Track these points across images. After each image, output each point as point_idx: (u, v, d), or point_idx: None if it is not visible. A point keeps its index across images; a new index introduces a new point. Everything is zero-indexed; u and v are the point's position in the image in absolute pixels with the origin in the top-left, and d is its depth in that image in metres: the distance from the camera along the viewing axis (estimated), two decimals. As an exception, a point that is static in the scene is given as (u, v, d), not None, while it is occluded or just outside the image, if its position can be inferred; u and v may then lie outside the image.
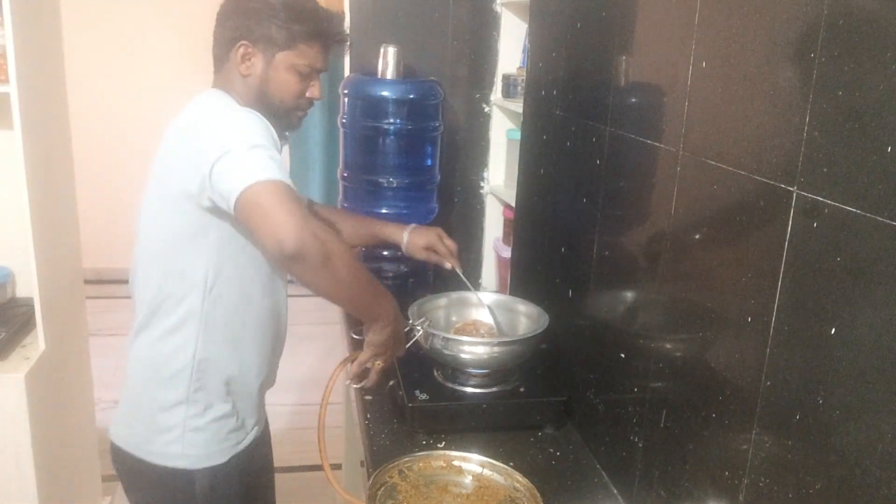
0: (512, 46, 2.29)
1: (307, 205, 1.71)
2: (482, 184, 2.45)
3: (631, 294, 1.34)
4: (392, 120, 2.09)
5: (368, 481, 1.27)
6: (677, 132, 1.11)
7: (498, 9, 2.28)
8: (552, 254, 1.74)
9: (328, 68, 1.39)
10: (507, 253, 2.20)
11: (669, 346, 1.17)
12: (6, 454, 1.91)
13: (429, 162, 2.21)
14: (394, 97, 2.09)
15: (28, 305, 2.04)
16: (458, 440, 1.46)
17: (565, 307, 1.62)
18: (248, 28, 1.30)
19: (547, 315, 1.59)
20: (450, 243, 1.75)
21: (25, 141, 1.84)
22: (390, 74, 2.11)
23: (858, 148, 0.74)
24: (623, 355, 1.32)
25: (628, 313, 1.35)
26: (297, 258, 1.10)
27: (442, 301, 1.71)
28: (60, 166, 2.19)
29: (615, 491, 1.35)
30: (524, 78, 1.97)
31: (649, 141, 1.21)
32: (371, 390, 1.64)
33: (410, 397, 1.48)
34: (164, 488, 1.36)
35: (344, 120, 2.15)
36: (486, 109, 2.38)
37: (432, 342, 1.52)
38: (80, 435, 2.33)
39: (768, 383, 0.89)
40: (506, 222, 2.37)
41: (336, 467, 2.44)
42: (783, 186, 0.85)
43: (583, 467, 1.43)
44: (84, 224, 2.38)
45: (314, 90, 1.38)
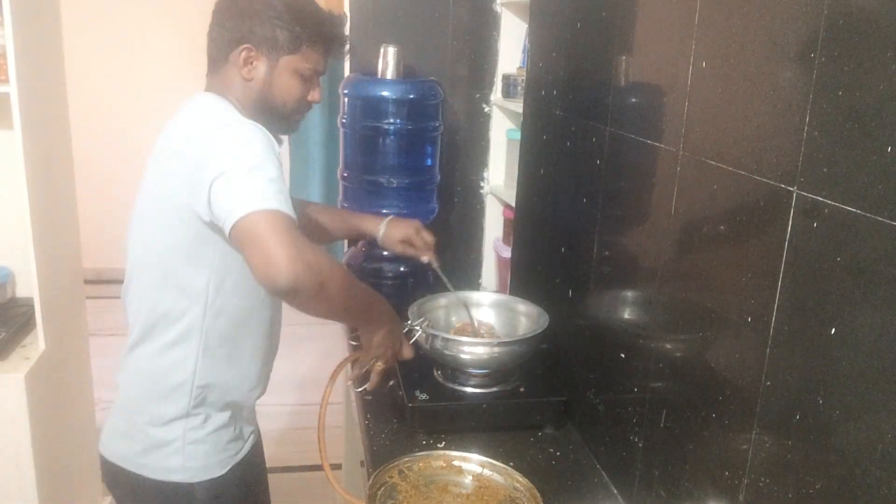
0: (512, 46, 2.29)
1: (293, 204, 1.68)
2: (482, 184, 2.45)
3: (631, 294, 1.34)
4: (392, 120, 2.09)
5: (368, 481, 1.27)
6: (677, 132, 1.11)
7: (498, 9, 2.28)
8: (552, 254, 1.74)
9: (327, 71, 1.38)
10: (507, 253, 2.19)
11: (669, 346, 1.17)
12: (6, 454, 1.91)
13: (429, 162, 2.20)
14: (394, 97, 2.09)
15: (28, 305, 2.04)
16: (458, 440, 1.46)
17: (565, 307, 1.62)
18: (251, 30, 1.26)
19: (547, 315, 1.59)
20: (427, 236, 1.71)
21: (25, 141, 1.84)
22: (390, 74, 2.11)
23: (858, 148, 0.74)
24: (623, 355, 1.32)
25: (628, 313, 1.35)
26: (290, 293, 1.08)
27: (442, 301, 1.71)
28: (60, 166, 2.19)
29: (615, 491, 1.35)
30: (524, 78, 1.97)
31: (649, 141, 1.21)
32: (371, 391, 1.64)
33: (410, 397, 1.48)
34: (163, 503, 1.33)
35: (344, 120, 2.15)
36: (486, 109, 2.38)
37: (432, 342, 1.52)
38: (80, 435, 2.33)
39: (768, 383, 0.89)
40: (506, 222, 2.36)
41: (336, 467, 2.44)
42: (783, 186, 0.85)
43: (583, 467, 1.43)
44: (84, 224, 2.38)
45: (315, 94, 1.35)
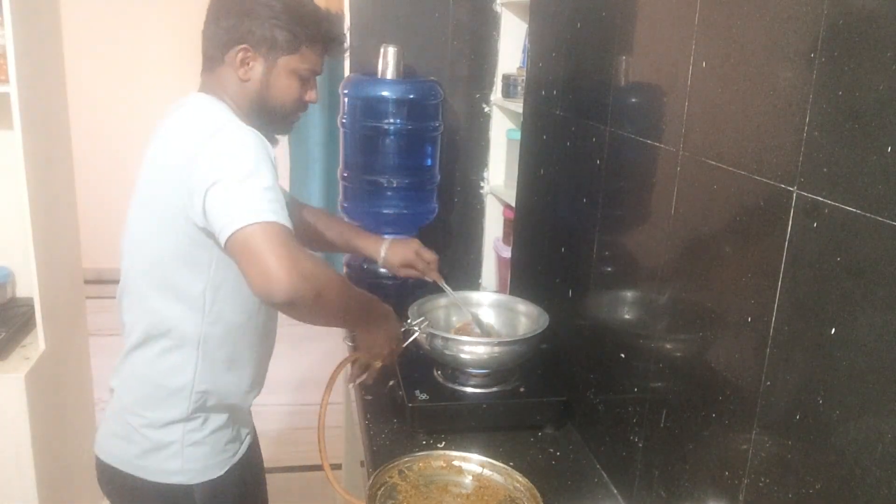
0: (512, 46, 2.29)
1: (291, 206, 1.67)
2: (482, 184, 2.45)
3: (631, 294, 1.34)
4: (392, 120, 2.09)
5: (368, 481, 1.27)
6: (677, 132, 1.11)
7: (498, 9, 2.28)
8: (552, 254, 1.74)
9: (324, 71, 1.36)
10: (507, 253, 2.20)
11: (669, 346, 1.17)
12: (6, 454, 1.91)
13: (429, 162, 2.20)
14: (394, 97, 2.09)
15: (28, 305, 2.04)
16: (458, 440, 1.46)
17: (565, 307, 1.62)
18: (249, 30, 1.24)
19: (547, 315, 1.59)
20: (428, 256, 1.67)
21: (25, 141, 1.84)
22: (390, 74, 2.11)
23: (858, 148, 0.74)
24: (623, 355, 1.32)
25: (628, 313, 1.35)
26: (287, 305, 1.08)
27: (442, 301, 1.71)
28: (60, 166, 2.19)
29: (615, 491, 1.35)
30: (524, 78, 1.97)
31: (649, 141, 1.21)
32: (371, 390, 1.64)
33: (410, 397, 1.48)
34: None
35: (344, 120, 2.15)
36: (486, 109, 2.38)
37: (432, 342, 1.52)
38: (80, 435, 2.33)
39: (768, 383, 0.89)
40: (506, 222, 2.36)
41: (336, 467, 2.44)
42: (783, 186, 0.85)
43: (583, 467, 1.43)
44: (84, 224, 2.38)
45: (312, 94, 1.33)
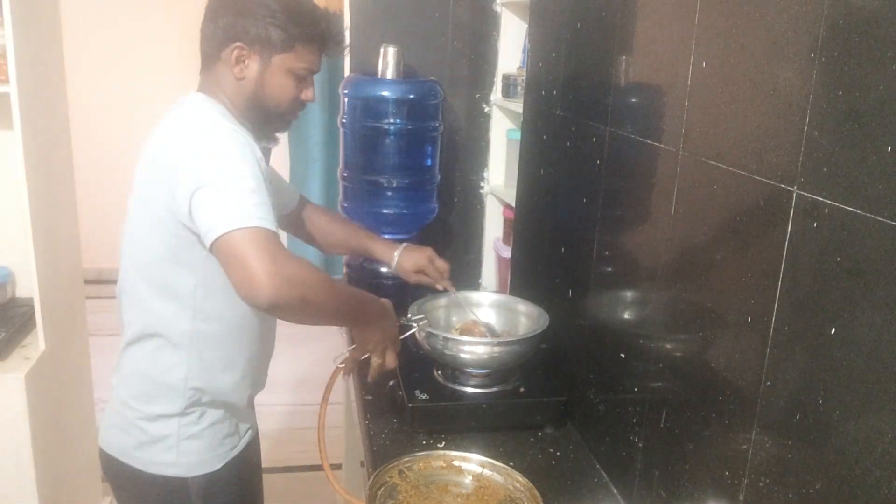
0: (512, 46, 2.29)
1: (301, 206, 1.67)
2: (482, 184, 2.45)
3: (631, 294, 1.34)
4: (392, 120, 2.09)
5: (368, 481, 1.27)
6: (677, 132, 1.11)
7: (498, 9, 2.28)
8: (552, 254, 1.74)
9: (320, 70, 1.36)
10: (507, 253, 2.20)
11: (669, 346, 1.17)
12: (6, 454, 1.91)
13: (429, 162, 2.20)
14: (394, 97, 2.09)
15: (28, 305, 2.04)
16: (458, 440, 1.46)
17: (565, 307, 1.62)
18: (244, 28, 1.24)
19: (547, 315, 1.59)
20: (441, 265, 1.68)
21: (25, 141, 1.84)
22: (390, 74, 2.11)
23: (858, 148, 0.74)
24: (623, 355, 1.32)
25: (628, 313, 1.35)
26: (272, 309, 1.11)
27: (442, 301, 1.71)
28: (60, 166, 2.19)
29: (615, 491, 1.35)
30: (524, 78, 1.97)
31: (649, 141, 1.21)
32: (371, 390, 1.64)
33: (410, 397, 1.48)
34: (159, 497, 1.33)
35: (344, 120, 2.15)
36: (486, 109, 2.38)
37: (432, 342, 1.52)
38: (80, 435, 2.33)
39: (768, 383, 0.89)
40: (506, 222, 2.37)
41: (336, 467, 2.44)
42: (783, 186, 0.85)
43: (583, 467, 1.43)
44: (84, 224, 2.38)
45: (308, 93, 1.33)
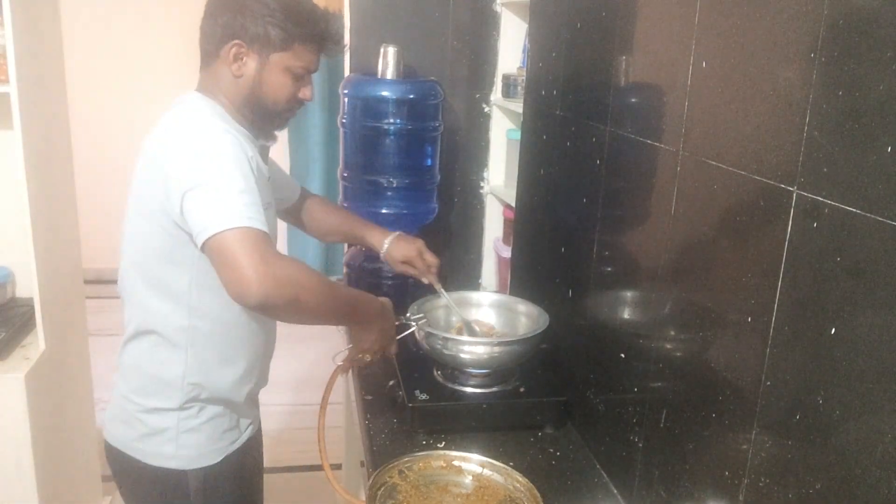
0: (512, 46, 2.29)
1: (302, 198, 1.70)
2: (482, 184, 2.45)
3: (631, 294, 1.34)
4: (392, 120, 2.09)
5: (368, 481, 1.27)
6: (677, 132, 1.11)
7: (498, 9, 2.28)
8: (552, 254, 1.74)
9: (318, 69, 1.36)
10: (507, 253, 2.19)
11: (669, 346, 1.17)
12: (6, 454, 1.91)
13: (429, 162, 2.20)
14: (394, 97, 2.09)
15: (28, 305, 2.04)
16: (458, 440, 1.46)
17: (565, 307, 1.62)
18: (243, 26, 1.25)
19: (547, 315, 1.59)
20: (430, 259, 1.67)
21: (25, 141, 1.84)
22: (390, 74, 2.11)
23: (858, 148, 0.74)
24: (623, 355, 1.32)
25: (628, 313, 1.35)
26: (262, 309, 1.12)
27: (442, 301, 1.71)
28: (60, 166, 2.19)
29: (615, 491, 1.35)
30: (524, 78, 1.97)
31: (649, 141, 1.21)
32: (371, 390, 1.64)
33: (410, 397, 1.48)
34: (158, 488, 1.35)
35: (344, 120, 2.15)
36: (486, 109, 2.38)
37: (432, 342, 1.52)
38: (80, 435, 2.33)
39: (768, 383, 0.89)
40: (506, 222, 2.36)
41: (336, 467, 2.44)
42: (783, 186, 0.85)
43: (583, 467, 1.43)
44: (84, 224, 2.38)
45: (306, 91, 1.34)
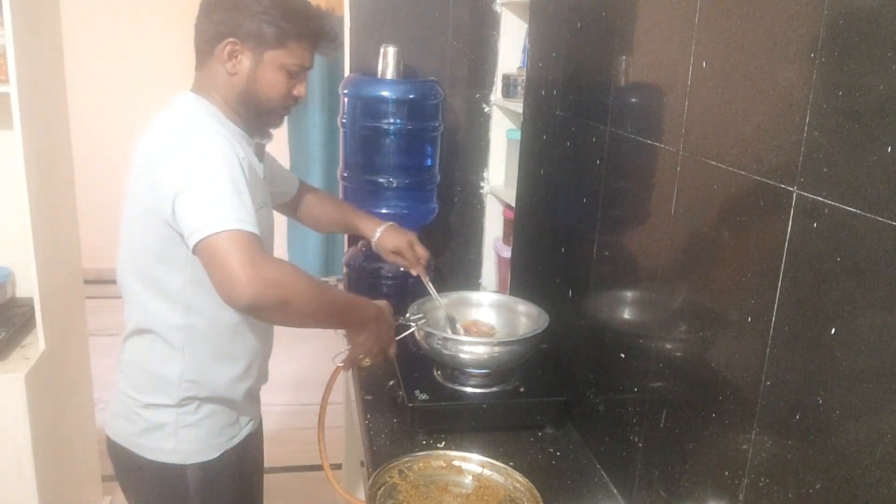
0: (512, 46, 2.29)
1: (300, 192, 1.70)
2: (482, 184, 2.45)
3: (631, 294, 1.34)
4: (392, 120, 2.09)
5: (368, 481, 1.27)
6: (677, 132, 1.11)
7: (498, 9, 2.28)
8: (552, 254, 1.74)
9: (313, 66, 1.36)
10: (507, 253, 2.19)
11: (669, 346, 1.17)
12: (6, 454, 1.91)
13: (429, 162, 2.20)
14: (394, 97, 2.09)
15: (28, 305, 2.04)
16: (458, 440, 1.46)
17: (565, 307, 1.62)
18: (237, 24, 1.25)
19: (547, 315, 1.59)
20: (420, 251, 1.69)
21: (25, 141, 1.84)
22: (390, 74, 2.11)
23: (858, 148, 0.74)
24: (623, 355, 1.32)
25: (628, 313, 1.35)
26: (251, 311, 1.13)
27: (442, 301, 1.71)
28: (60, 166, 2.19)
29: (615, 491, 1.35)
30: (524, 78, 1.97)
31: (649, 141, 1.21)
32: (371, 390, 1.64)
33: (410, 397, 1.48)
34: (158, 483, 1.36)
35: (344, 120, 2.15)
36: (486, 109, 2.38)
37: (431, 342, 1.52)
38: (80, 435, 2.33)
39: (768, 383, 0.89)
40: (506, 222, 2.36)
41: (336, 467, 2.44)
42: (783, 186, 0.85)
43: (583, 467, 1.43)
44: (84, 224, 2.38)
45: (301, 89, 1.34)
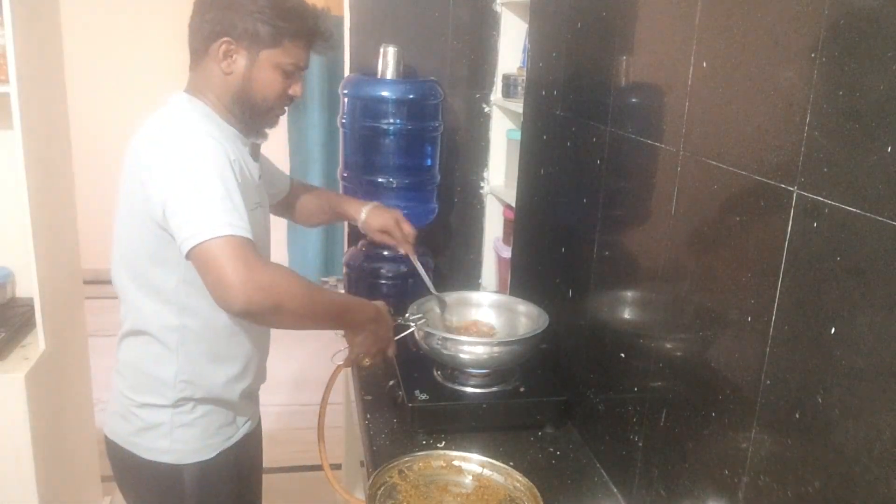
0: (512, 46, 2.29)
1: (292, 190, 1.71)
2: (482, 184, 2.45)
3: (631, 294, 1.34)
4: (392, 120, 2.09)
5: (368, 481, 1.27)
6: (677, 132, 1.11)
7: (498, 9, 2.28)
8: (552, 254, 1.74)
9: (309, 66, 1.36)
10: (507, 253, 2.20)
11: (669, 346, 1.17)
12: (6, 454, 1.91)
13: (429, 162, 2.20)
14: (394, 97, 2.09)
15: (28, 305, 2.04)
16: (458, 440, 1.46)
17: (565, 307, 1.62)
18: (232, 23, 1.24)
19: (547, 315, 1.59)
20: (407, 228, 1.69)
21: (25, 141, 1.84)
22: (390, 74, 2.11)
23: (858, 148, 0.74)
24: (623, 355, 1.32)
25: (628, 313, 1.35)
26: (245, 315, 1.13)
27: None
28: (60, 166, 2.19)
29: (615, 490, 1.36)
30: (524, 78, 1.97)
31: (649, 141, 1.21)
32: (371, 390, 1.64)
33: (410, 397, 1.48)
34: (154, 483, 1.36)
35: (344, 120, 2.15)
36: (486, 109, 2.38)
37: (431, 342, 1.52)
38: (80, 435, 2.33)
39: (768, 383, 0.89)
40: (506, 222, 2.37)
41: (336, 467, 2.44)
42: (783, 186, 0.85)
43: (583, 467, 1.43)
44: (84, 224, 2.38)
45: (296, 88, 1.33)
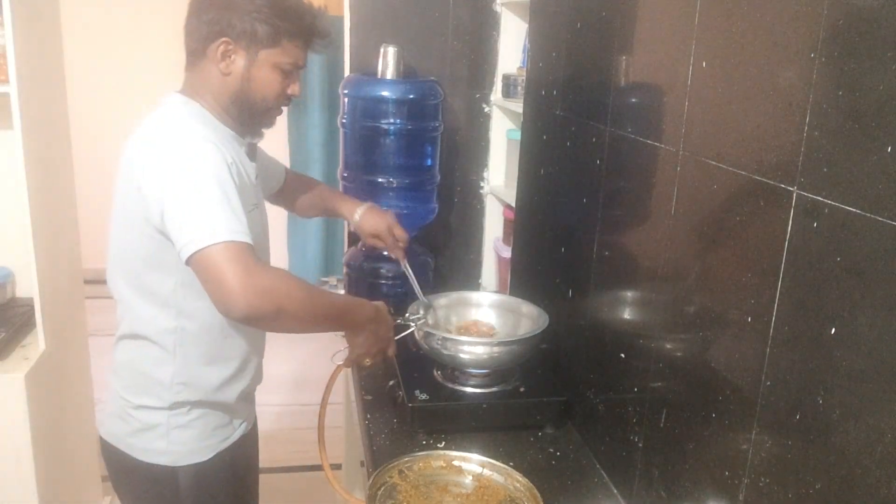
0: (512, 46, 2.29)
1: (287, 181, 1.71)
2: (482, 184, 2.45)
3: (631, 294, 1.34)
4: (392, 120, 2.09)
5: (368, 481, 1.27)
6: (677, 132, 1.11)
7: (498, 9, 2.28)
8: (552, 254, 1.74)
9: (307, 65, 1.36)
10: (507, 253, 2.20)
11: (669, 346, 1.17)
12: (6, 454, 1.91)
13: (429, 162, 2.20)
14: (394, 97, 2.09)
15: (28, 305, 2.04)
16: (458, 440, 1.46)
17: (565, 307, 1.62)
18: (229, 23, 1.24)
19: (547, 315, 1.59)
20: (399, 233, 1.70)
21: (25, 141, 1.84)
22: (390, 74, 2.11)
23: (858, 148, 0.74)
24: (623, 355, 1.32)
25: (628, 313, 1.35)
26: (246, 320, 1.13)
27: (442, 301, 1.71)
28: (60, 166, 2.19)
29: (615, 491, 1.35)
30: (524, 78, 1.97)
31: (649, 141, 1.21)
32: (371, 390, 1.64)
33: (410, 397, 1.48)
34: (150, 484, 1.36)
35: (344, 120, 2.15)
36: (486, 109, 2.38)
37: (431, 342, 1.52)
38: (80, 435, 2.33)
39: (768, 383, 0.89)
40: (506, 222, 2.36)
41: (336, 467, 2.44)
42: (783, 186, 0.85)
43: (583, 467, 1.43)
44: (84, 224, 2.38)
45: (295, 87, 1.33)
